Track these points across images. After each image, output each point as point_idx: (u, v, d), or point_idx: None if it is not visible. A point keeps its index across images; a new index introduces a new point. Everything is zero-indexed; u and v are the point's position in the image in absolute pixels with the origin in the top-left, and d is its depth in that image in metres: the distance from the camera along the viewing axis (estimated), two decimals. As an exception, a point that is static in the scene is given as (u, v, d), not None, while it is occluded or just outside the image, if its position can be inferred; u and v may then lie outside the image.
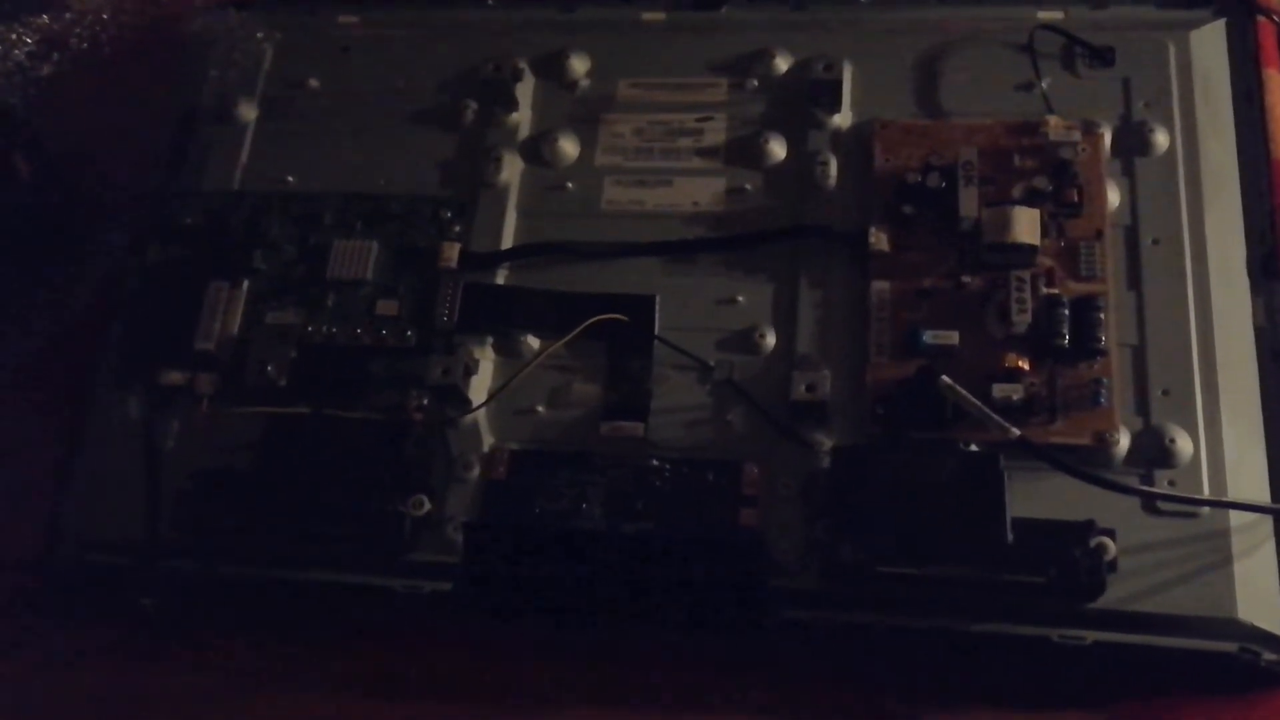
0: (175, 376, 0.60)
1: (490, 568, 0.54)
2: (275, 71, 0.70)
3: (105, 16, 0.78)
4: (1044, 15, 0.64)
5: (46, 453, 0.63)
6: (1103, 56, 0.63)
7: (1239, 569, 0.51)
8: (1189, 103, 0.61)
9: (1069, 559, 0.50)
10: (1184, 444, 0.54)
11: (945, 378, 0.52)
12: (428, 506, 0.56)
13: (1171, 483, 0.53)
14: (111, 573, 0.58)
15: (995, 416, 0.51)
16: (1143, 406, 0.55)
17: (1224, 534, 0.52)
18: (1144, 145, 0.60)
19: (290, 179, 0.66)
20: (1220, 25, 0.63)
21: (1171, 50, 0.62)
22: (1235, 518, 0.52)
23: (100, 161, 0.73)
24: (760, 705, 0.55)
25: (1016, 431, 0.51)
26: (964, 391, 0.51)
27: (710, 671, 0.56)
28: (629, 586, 0.53)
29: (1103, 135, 0.59)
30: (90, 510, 0.60)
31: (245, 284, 0.62)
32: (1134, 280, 0.57)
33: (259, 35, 0.71)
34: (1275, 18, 0.63)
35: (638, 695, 0.56)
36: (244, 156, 0.68)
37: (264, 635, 0.59)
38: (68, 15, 0.78)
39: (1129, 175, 0.60)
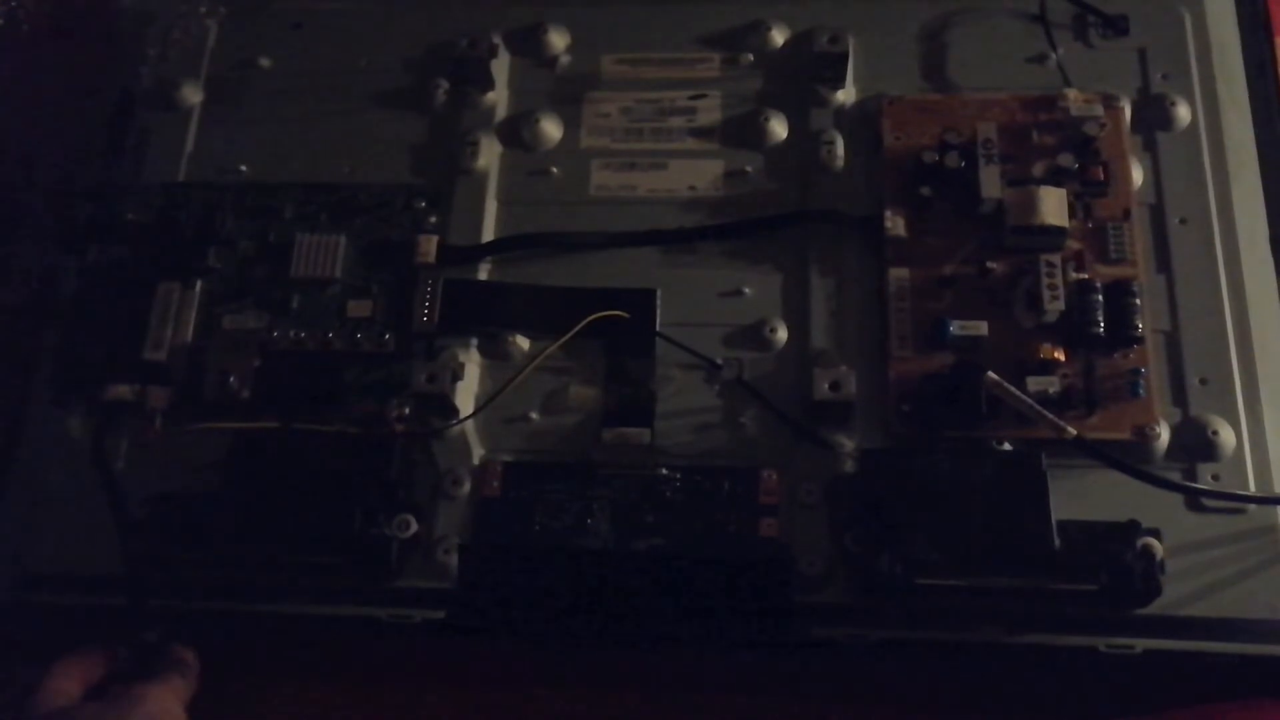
0: (123, 391, 0.55)
1: (489, 592, 0.51)
2: (221, 50, 0.65)
3: (22, -9, 0.71)
4: (1054, -19, 0.61)
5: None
6: (1116, 25, 0.60)
7: (1292, 567, 0.49)
8: (1208, 74, 0.59)
9: (1120, 563, 0.47)
10: (1227, 435, 0.51)
11: (991, 374, 0.48)
12: (415, 527, 0.52)
13: (1215, 477, 0.51)
14: (61, 611, 0.53)
15: (1049, 415, 0.47)
16: (1180, 397, 0.52)
17: (1273, 530, 0.50)
18: (1165, 119, 0.57)
19: (243, 168, 0.61)
20: (1231, -9, 0.61)
21: (1188, 19, 0.60)
22: (1284, 512, 0.50)
23: (25, 152, 0.66)
24: (788, 730, 0.52)
25: (1073, 432, 0.47)
26: (1014, 389, 0.48)
27: (733, 696, 0.52)
28: (643, 608, 0.50)
29: (1123, 109, 0.56)
30: (30, 542, 0.54)
31: (199, 285, 0.57)
32: (1163, 262, 0.55)
33: (201, 10, 0.65)
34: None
35: (653, 724, 0.52)
36: (190, 145, 0.62)
37: (234, 672, 0.54)
38: (-22, -10, 0.71)
39: (1150, 151, 0.57)
